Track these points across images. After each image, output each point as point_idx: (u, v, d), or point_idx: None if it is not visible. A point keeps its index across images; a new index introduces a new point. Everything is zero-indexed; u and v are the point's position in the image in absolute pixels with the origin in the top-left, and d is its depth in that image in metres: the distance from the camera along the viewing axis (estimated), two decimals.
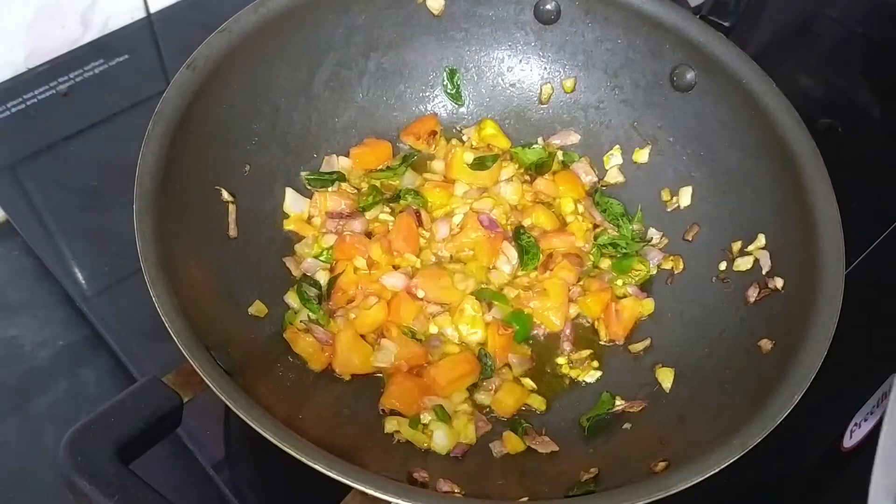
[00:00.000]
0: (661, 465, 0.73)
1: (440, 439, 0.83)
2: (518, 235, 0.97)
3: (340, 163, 1.00)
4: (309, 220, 0.97)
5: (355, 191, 1.00)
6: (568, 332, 0.93)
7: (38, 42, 1.14)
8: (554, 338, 0.93)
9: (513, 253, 0.95)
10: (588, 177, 1.03)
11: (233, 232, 0.89)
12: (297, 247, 0.95)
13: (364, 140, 1.02)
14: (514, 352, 0.91)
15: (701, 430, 0.78)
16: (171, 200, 0.79)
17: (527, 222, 0.99)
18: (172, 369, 0.72)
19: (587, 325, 0.95)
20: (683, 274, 0.96)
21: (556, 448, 0.84)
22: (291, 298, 0.90)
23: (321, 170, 1.00)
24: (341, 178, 1.00)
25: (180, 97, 0.83)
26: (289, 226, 0.96)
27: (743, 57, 0.92)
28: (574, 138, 1.05)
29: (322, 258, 0.94)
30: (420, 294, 0.91)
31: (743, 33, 1.16)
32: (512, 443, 0.84)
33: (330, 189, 0.99)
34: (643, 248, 0.98)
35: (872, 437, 0.68)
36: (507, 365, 0.90)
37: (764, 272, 0.87)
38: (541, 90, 1.06)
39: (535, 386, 0.90)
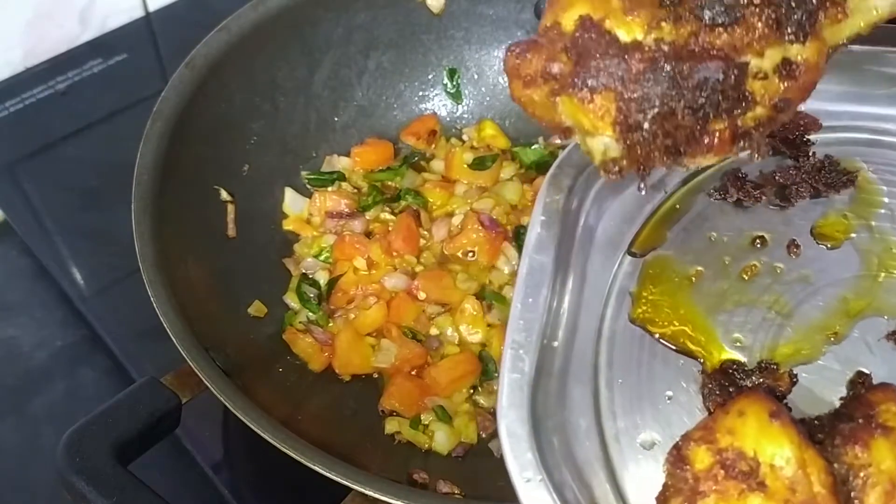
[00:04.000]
0: None
1: (441, 439, 0.83)
2: (518, 235, 0.97)
3: (341, 162, 1.00)
4: (308, 219, 0.96)
5: (355, 190, 0.99)
6: None
7: (36, 41, 1.14)
8: None
9: (513, 253, 0.95)
10: None
11: (232, 232, 0.88)
12: (297, 246, 0.95)
13: (365, 140, 1.02)
14: None
15: None
16: (170, 200, 0.79)
17: (526, 221, 0.98)
18: (171, 370, 0.72)
19: None
20: None
21: None
22: (291, 299, 0.90)
23: (322, 169, 0.99)
24: (341, 177, 0.99)
25: (179, 96, 0.83)
26: (288, 226, 0.95)
27: None
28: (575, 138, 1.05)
29: (321, 258, 0.94)
30: (421, 296, 0.91)
31: None
32: None
33: (330, 189, 0.98)
34: None
35: None
36: None
37: None
38: None
39: None
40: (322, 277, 0.92)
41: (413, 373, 0.87)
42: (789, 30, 0.45)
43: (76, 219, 1.02)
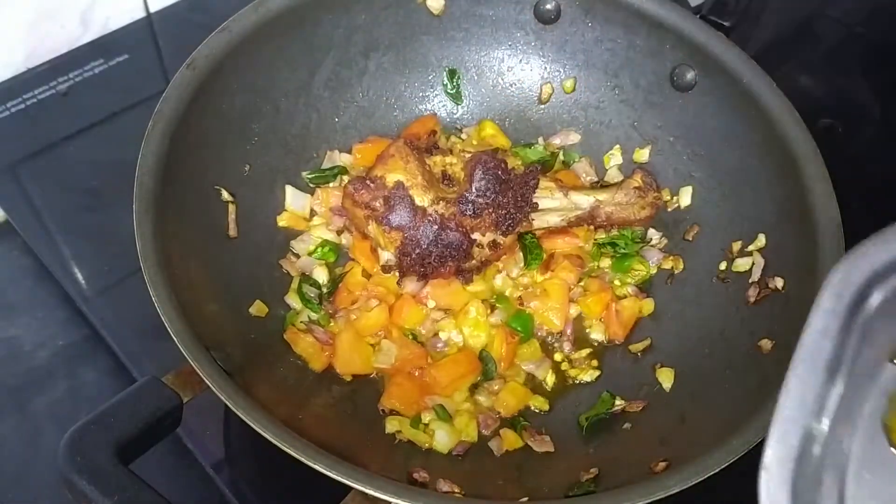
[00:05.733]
0: (662, 465, 0.73)
1: (442, 438, 0.83)
2: (522, 235, 0.97)
3: (343, 158, 1.00)
4: (311, 216, 0.97)
5: None
6: (568, 332, 0.93)
7: (37, 42, 1.14)
8: (554, 337, 0.93)
9: (519, 255, 0.95)
10: (588, 176, 1.03)
11: (233, 232, 0.89)
12: (293, 243, 0.95)
13: (366, 139, 1.02)
14: (525, 357, 0.91)
15: (701, 430, 0.78)
16: (171, 200, 0.79)
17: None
18: (172, 369, 0.72)
19: (587, 324, 0.95)
20: (683, 274, 0.95)
21: (551, 449, 0.84)
22: (292, 299, 0.90)
23: (323, 165, 0.99)
24: (343, 171, 0.99)
25: (180, 97, 0.83)
26: (281, 222, 0.95)
27: (743, 57, 0.92)
28: (574, 138, 1.05)
29: (317, 255, 0.94)
30: (431, 304, 0.91)
31: (743, 33, 1.16)
32: (509, 440, 0.84)
33: (332, 185, 0.98)
34: (643, 248, 0.98)
35: None
36: (529, 374, 0.91)
37: (757, 276, 0.87)
38: (541, 90, 1.06)
39: (554, 380, 0.90)
40: (320, 275, 0.93)
41: (413, 372, 0.88)
42: (502, 228, 0.87)
43: (78, 219, 1.02)
